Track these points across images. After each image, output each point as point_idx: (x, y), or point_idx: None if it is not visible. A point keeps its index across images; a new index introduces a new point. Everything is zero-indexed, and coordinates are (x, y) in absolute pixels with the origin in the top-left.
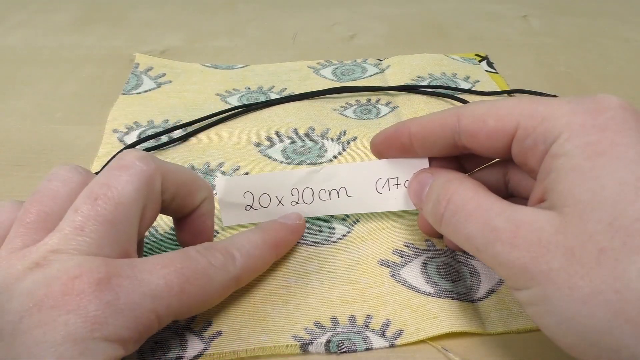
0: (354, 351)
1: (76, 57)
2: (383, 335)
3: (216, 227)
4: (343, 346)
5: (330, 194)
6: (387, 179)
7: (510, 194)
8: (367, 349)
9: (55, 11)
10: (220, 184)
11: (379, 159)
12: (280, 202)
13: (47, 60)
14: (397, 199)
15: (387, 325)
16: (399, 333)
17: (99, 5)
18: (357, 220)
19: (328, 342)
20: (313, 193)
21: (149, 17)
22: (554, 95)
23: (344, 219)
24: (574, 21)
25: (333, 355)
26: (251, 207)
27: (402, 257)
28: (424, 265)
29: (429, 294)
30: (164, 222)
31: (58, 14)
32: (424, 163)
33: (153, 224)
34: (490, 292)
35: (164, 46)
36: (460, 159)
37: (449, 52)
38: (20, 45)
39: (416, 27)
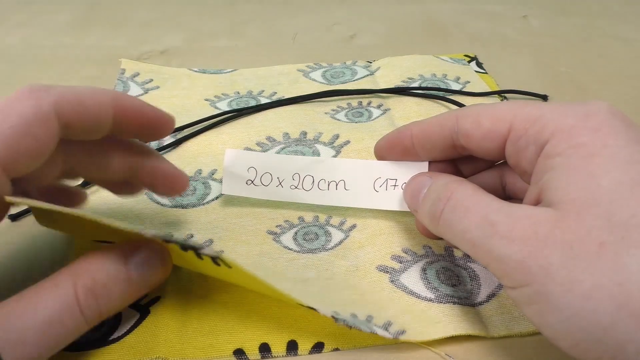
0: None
1: (76, 57)
2: (387, 330)
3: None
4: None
5: (329, 185)
6: (386, 180)
7: (508, 197)
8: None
9: (55, 11)
10: (229, 153)
11: None
12: (280, 183)
13: (47, 60)
14: (392, 200)
15: (389, 324)
16: (402, 332)
17: (99, 6)
18: (354, 226)
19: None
20: (313, 181)
21: (149, 17)
22: (545, 95)
23: (340, 224)
24: (574, 21)
25: (329, 354)
26: (252, 182)
27: (400, 262)
28: (423, 270)
29: (430, 300)
30: None
31: (58, 14)
32: (424, 167)
33: None
34: (491, 296)
35: (164, 46)
36: (458, 164)
37: (449, 52)
38: (20, 45)
39: (416, 27)
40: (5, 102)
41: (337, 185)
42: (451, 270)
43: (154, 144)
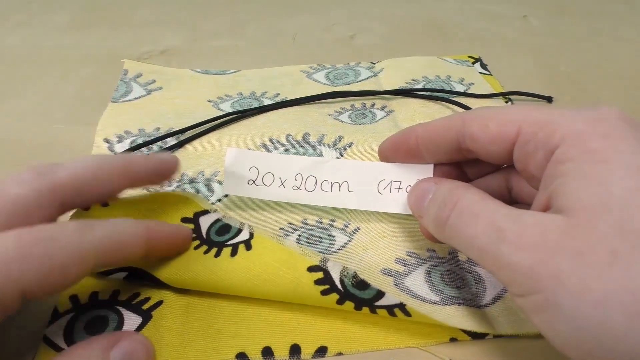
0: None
1: (76, 58)
2: (392, 313)
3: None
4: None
5: (332, 186)
6: (390, 182)
7: (514, 201)
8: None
9: (55, 11)
10: (230, 153)
11: None
12: (282, 184)
13: (47, 60)
14: (396, 202)
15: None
16: (407, 313)
17: (99, 6)
18: (358, 229)
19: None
20: (316, 182)
21: (149, 17)
22: (550, 97)
23: (344, 227)
24: (574, 21)
25: (332, 359)
26: (254, 182)
27: (405, 265)
28: (428, 273)
29: (435, 303)
30: None
31: (58, 14)
32: (429, 169)
33: None
34: (497, 299)
35: (164, 46)
36: (464, 166)
37: (449, 52)
38: (20, 45)
39: (416, 27)
40: None
41: (340, 186)
42: (456, 273)
43: (156, 145)
